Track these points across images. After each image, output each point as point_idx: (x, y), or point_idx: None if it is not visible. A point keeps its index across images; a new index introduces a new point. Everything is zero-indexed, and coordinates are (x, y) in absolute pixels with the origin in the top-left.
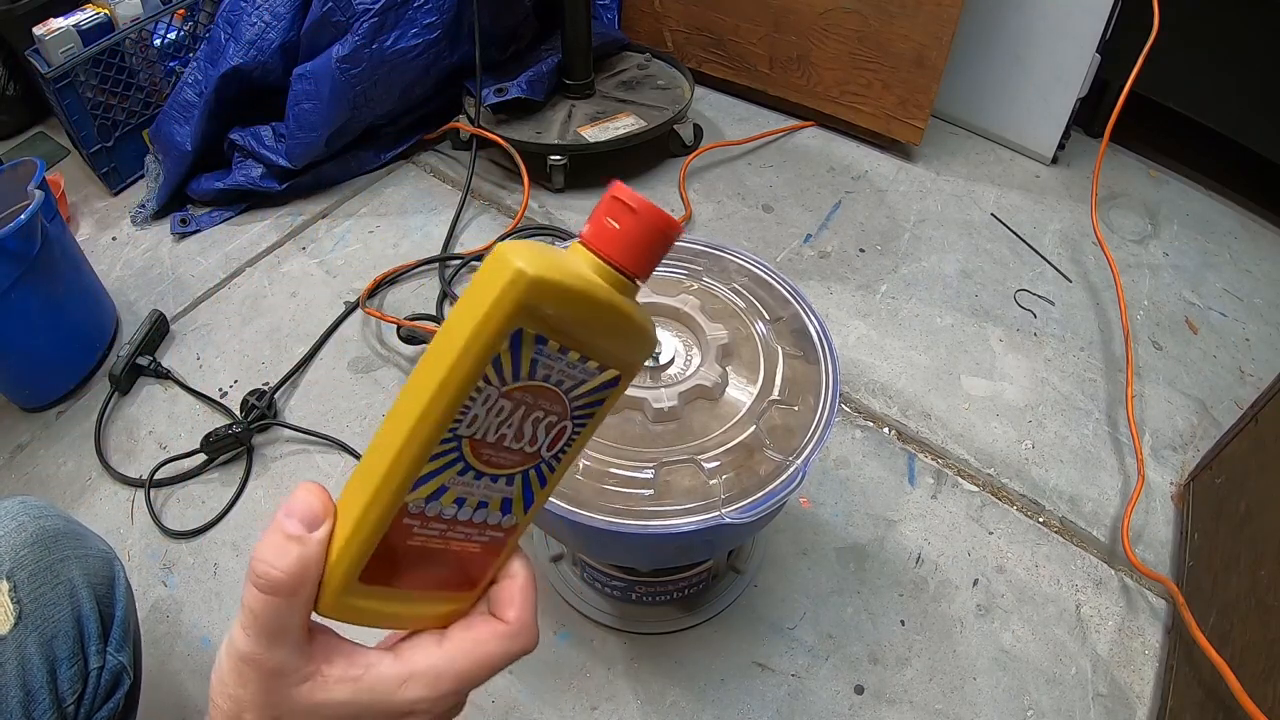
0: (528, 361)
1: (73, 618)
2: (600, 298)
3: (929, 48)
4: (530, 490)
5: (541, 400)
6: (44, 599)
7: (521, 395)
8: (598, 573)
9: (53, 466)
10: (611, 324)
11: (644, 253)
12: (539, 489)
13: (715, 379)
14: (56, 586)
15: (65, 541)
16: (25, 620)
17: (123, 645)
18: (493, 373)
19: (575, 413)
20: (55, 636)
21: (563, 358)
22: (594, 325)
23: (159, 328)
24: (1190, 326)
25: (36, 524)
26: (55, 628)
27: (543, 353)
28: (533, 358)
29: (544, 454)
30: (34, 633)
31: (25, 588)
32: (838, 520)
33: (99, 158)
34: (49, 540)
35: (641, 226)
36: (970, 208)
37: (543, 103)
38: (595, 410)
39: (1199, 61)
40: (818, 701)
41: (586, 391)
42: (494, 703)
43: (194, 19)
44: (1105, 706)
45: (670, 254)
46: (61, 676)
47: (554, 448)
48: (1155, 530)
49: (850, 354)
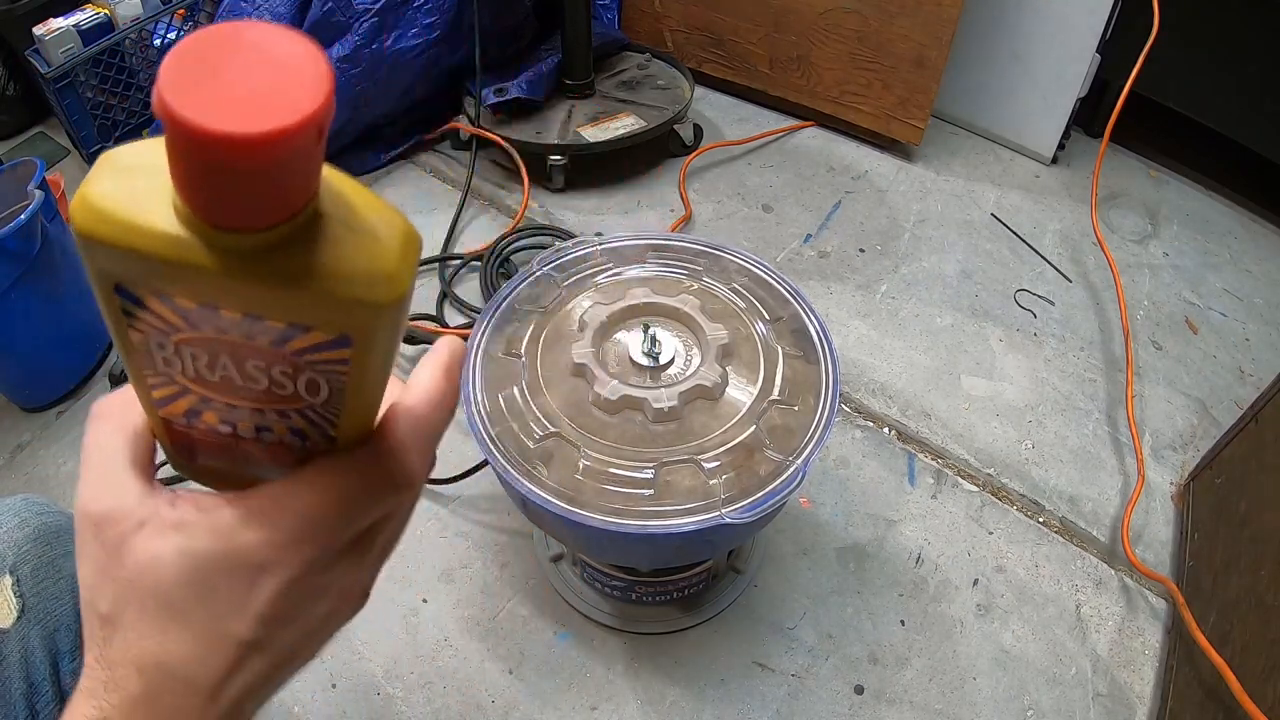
0: (175, 314)
1: (75, 612)
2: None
3: (929, 48)
4: (321, 428)
5: (243, 351)
6: (47, 593)
7: (205, 343)
8: (598, 573)
9: (53, 466)
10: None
11: (246, 199)
12: (330, 428)
13: (715, 379)
14: (59, 581)
15: (68, 537)
16: (28, 614)
17: None
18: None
19: (316, 367)
20: (58, 630)
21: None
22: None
23: None
24: (1190, 326)
25: (39, 520)
26: (58, 621)
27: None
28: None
29: (305, 398)
30: (37, 626)
31: (28, 582)
32: (838, 520)
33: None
34: (51, 536)
35: (216, 168)
36: (970, 208)
37: (543, 103)
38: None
39: (1199, 61)
40: (818, 701)
41: (299, 350)
42: (494, 703)
43: (194, 19)
44: (1105, 706)
45: (670, 254)
46: (64, 669)
47: (316, 395)
48: (1155, 530)
49: (850, 354)
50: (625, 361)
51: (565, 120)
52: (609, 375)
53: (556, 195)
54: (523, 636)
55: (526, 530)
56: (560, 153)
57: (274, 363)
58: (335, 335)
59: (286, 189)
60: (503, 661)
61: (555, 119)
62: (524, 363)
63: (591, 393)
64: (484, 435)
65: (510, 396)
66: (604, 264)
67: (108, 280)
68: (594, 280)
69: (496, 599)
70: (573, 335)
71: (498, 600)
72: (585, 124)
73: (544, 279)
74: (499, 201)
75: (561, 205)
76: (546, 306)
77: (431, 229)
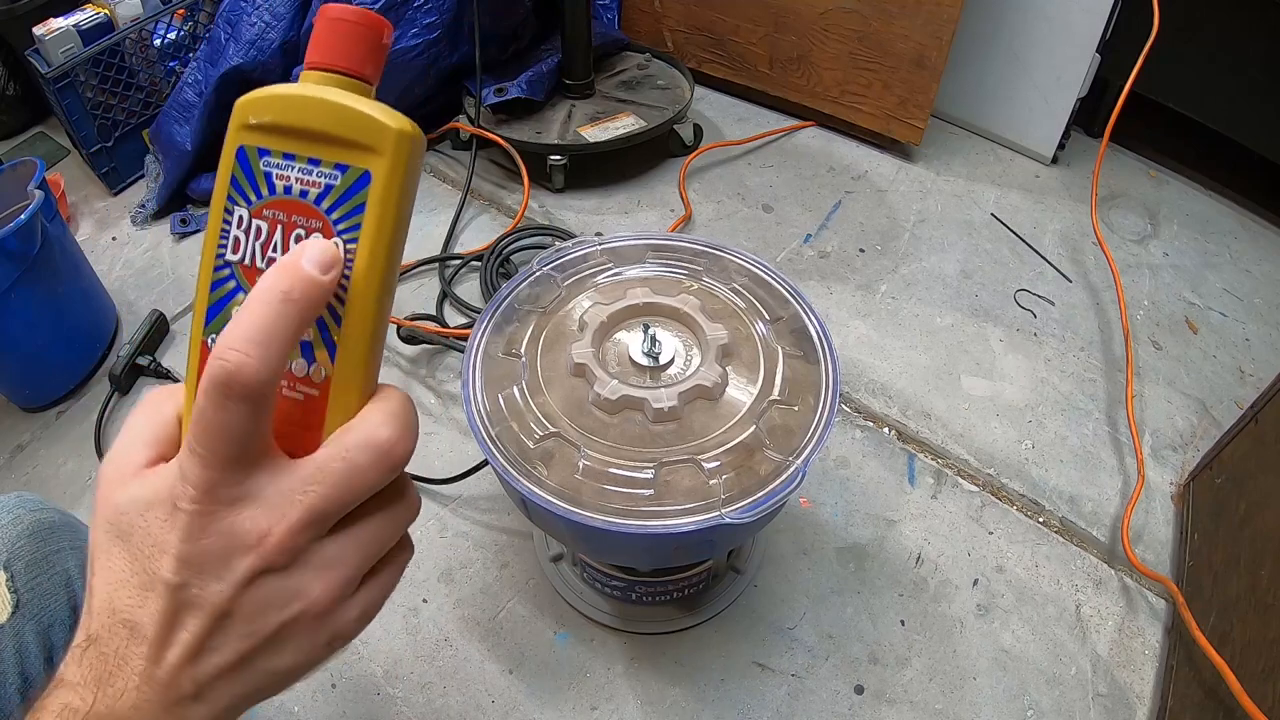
0: (261, 176)
1: (69, 607)
2: (307, 95)
3: (929, 48)
4: (326, 330)
5: (296, 216)
6: (41, 588)
7: (273, 213)
8: (598, 573)
9: (53, 466)
10: (329, 120)
11: (349, 47)
12: (335, 328)
13: (715, 379)
14: (53, 577)
15: (61, 533)
16: (22, 609)
17: None
18: (235, 193)
19: (339, 227)
20: (52, 625)
21: (291, 163)
22: (309, 126)
23: (159, 328)
24: (1190, 326)
25: (32, 516)
26: (52, 616)
27: (270, 163)
28: (264, 171)
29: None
30: (31, 621)
31: (22, 578)
32: (838, 520)
33: (99, 158)
34: (45, 532)
35: (339, 30)
36: (970, 208)
37: (543, 103)
38: (360, 219)
39: (1199, 61)
40: (817, 701)
41: (339, 198)
42: (494, 703)
43: (194, 19)
44: (1105, 706)
45: (670, 254)
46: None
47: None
48: (1155, 530)
49: (850, 354)
50: (625, 361)
51: (565, 120)
52: (609, 375)
53: (556, 195)
54: (523, 636)
55: (526, 530)
56: (560, 153)
57: (312, 226)
58: (360, 174)
59: (367, 51)
60: (503, 661)
61: (555, 119)
62: (524, 363)
63: (591, 393)
64: (484, 435)
65: (510, 396)
66: (604, 264)
67: (233, 146)
68: (594, 280)
69: (496, 599)
70: (573, 335)
71: (498, 600)
72: (585, 124)
73: (544, 279)
74: (499, 201)
75: (561, 205)
76: (546, 306)
77: (431, 229)
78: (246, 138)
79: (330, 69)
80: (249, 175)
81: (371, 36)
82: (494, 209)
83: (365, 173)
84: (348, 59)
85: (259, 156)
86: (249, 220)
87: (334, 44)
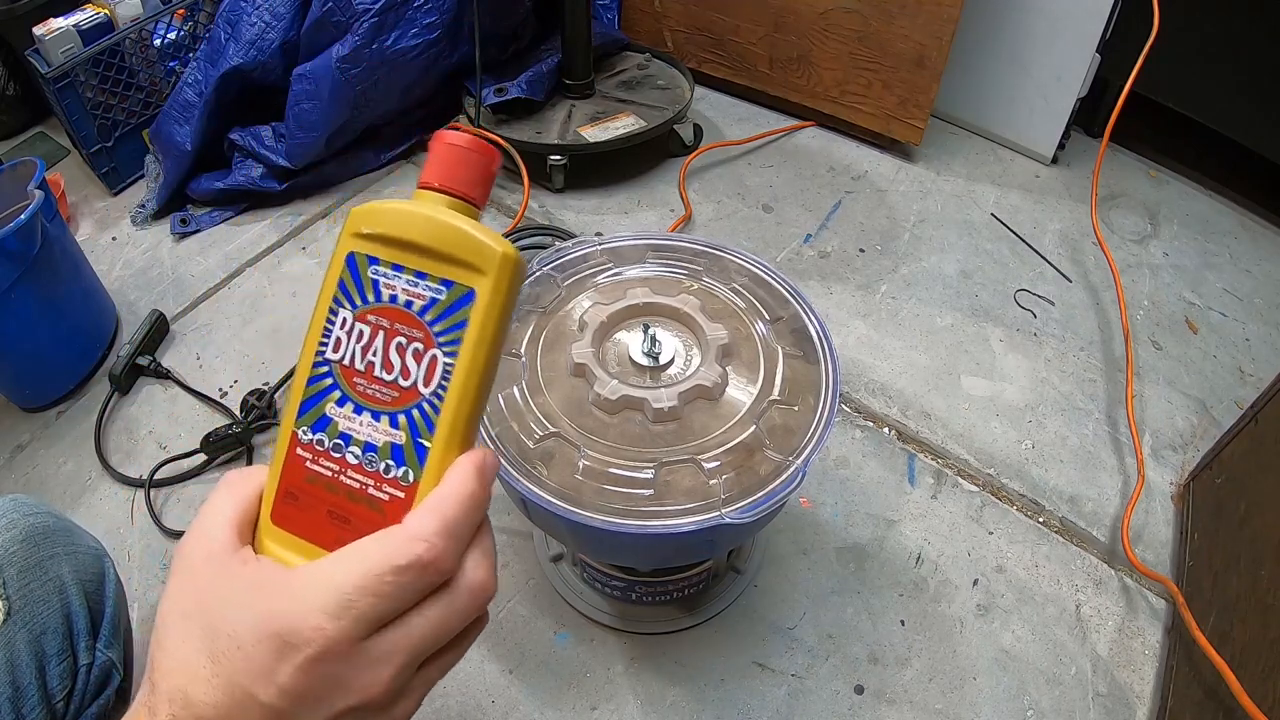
0: (369, 282)
1: (62, 614)
2: (421, 212)
3: (929, 48)
4: (419, 436)
5: (398, 324)
6: (33, 595)
7: (376, 319)
8: (598, 573)
9: (53, 467)
10: (440, 238)
11: (461, 173)
12: (427, 434)
13: (715, 379)
14: (45, 583)
15: (55, 538)
16: (14, 616)
17: (112, 642)
18: (341, 295)
19: (440, 339)
20: (44, 633)
21: (399, 274)
22: (420, 241)
23: (159, 328)
24: (1190, 326)
25: (26, 521)
26: (44, 624)
27: (379, 271)
28: (372, 278)
29: (422, 390)
30: (23, 629)
31: (14, 584)
32: (838, 520)
33: (99, 158)
34: (38, 537)
35: (454, 155)
36: (970, 208)
37: (543, 103)
38: (461, 334)
39: (1199, 61)
40: (818, 701)
41: (442, 311)
42: (494, 703)
43: (194, 19)
44: (1105, 706)
45: (670, 254)
46: (50, 673)
47: (430, 383)
48: (1155, 530)
49: (850, 354)
50: (625, 361)
51: (565, 120)
52: (609, 375)
53: (556, 195)
54: (523, 636)
55: (526, 530)
56: (560, 153)
57: (413, 335)
58: (464, 292)
59: (478, 178)
60: (503, 661)
61: (555, 119)
62: (524, 363)
63: (591, 393)
64: (484, 435)
65: (510, 396)
66: (604, 264)
67: (343, 251)
68: (594, 280)
69: (496, 599)
70: (573, 335)
71: (498, 600)
72: (585, 124)
73: (544, 279)
74: (499, 201)
75: (561, 205)
76: (546, 306)
77: None
78: (358, 245)
79: (443, 190)
80: (357, 280)
81: (483, 164)
82: (494, 209)
83: (470, 291)
84: (460, 183)
85: (368, 264)
86: (352, 323)
87: (448, 169)
